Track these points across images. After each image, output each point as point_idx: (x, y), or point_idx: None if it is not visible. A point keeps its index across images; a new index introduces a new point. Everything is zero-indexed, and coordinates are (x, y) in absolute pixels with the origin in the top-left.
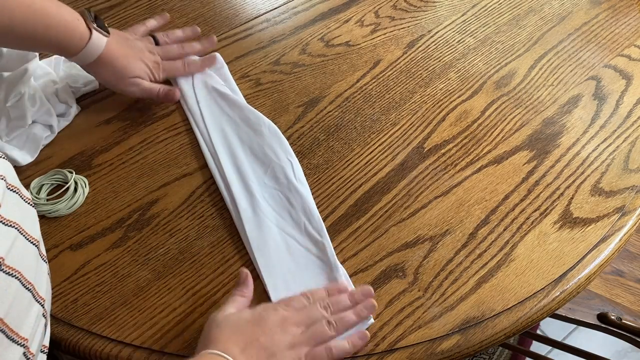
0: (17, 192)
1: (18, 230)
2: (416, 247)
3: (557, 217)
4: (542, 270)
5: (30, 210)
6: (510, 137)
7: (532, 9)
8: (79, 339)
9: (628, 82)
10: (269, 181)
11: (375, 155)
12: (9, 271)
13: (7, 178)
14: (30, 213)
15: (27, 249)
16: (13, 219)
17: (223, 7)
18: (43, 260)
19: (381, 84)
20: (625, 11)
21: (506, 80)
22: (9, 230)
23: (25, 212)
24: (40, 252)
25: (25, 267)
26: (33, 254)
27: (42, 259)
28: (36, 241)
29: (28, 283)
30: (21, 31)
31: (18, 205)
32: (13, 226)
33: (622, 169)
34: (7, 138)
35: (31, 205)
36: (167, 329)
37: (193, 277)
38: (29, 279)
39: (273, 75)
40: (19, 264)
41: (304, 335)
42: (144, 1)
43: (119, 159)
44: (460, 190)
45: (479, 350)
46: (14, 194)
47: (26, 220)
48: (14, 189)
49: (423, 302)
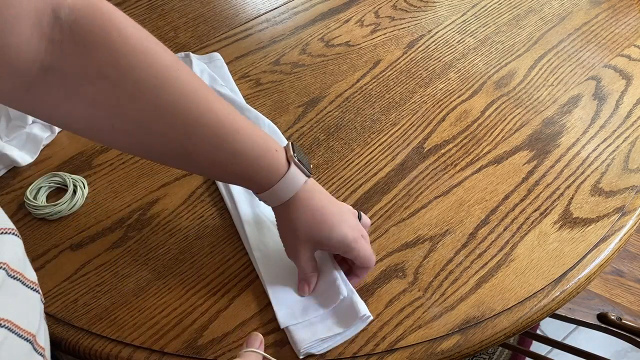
0: (20, 278)
1: (9, 330)
2: (416, 247)
3: (557, 217)
4: (542, 270)
5: (32, 295)
6: (510, 137)
7: (532, 9)
8: (79, 339)
9: (628, 82)
10: None
11: (375, 155)
12: None
13: (11, 263)
14: (31, 299)
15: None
16: (5, 315)
17: (223, 7)
18: (39, 354)
19: (381, 84)
20: (625, 11)
21: (506, 80)
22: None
23: (25, 301)
24: (36, 345)
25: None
26: (25, 351)
27: (38, 352)
28: (31, 335)
29: None
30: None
31: (15, 295)
32: (3, 325)
33: (622, 169)
34: (7, 138)
35: (35, 290)
36: (167, 329)
37: (193, 277)
38: None
39: (273, 75)
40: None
41: None
42: (144, 1)
43: (119, 159)
44: (460, 190)
45: (479, 350)
46: (14, 282)
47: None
48: (16, 276)
49: (423, 302)
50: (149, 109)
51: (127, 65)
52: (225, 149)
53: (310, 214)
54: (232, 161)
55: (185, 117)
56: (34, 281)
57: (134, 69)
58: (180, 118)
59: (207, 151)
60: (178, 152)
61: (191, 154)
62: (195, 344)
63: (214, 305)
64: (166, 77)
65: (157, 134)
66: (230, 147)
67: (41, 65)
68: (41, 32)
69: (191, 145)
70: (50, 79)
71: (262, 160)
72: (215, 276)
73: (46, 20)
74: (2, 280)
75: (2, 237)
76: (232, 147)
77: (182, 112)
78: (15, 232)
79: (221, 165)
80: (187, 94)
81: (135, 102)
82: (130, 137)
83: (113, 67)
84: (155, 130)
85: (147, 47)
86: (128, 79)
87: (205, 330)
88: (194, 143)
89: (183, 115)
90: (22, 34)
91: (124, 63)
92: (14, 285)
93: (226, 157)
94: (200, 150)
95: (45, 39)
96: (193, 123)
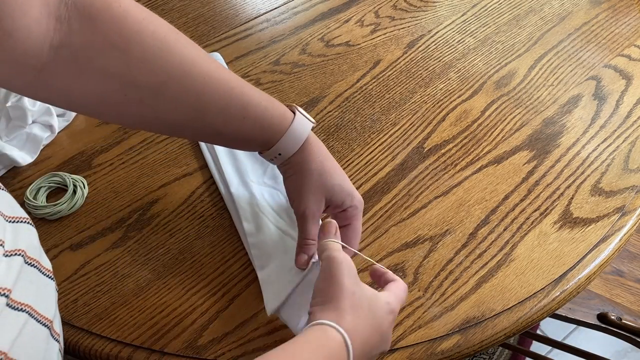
0: (37, 265)
1: (29, 314)
2: (416, 247)
3: (557, 217)
4: (542, 270)
5: (49, 283)
6: (510, 137)
7: (532, 9)
8: (79, 339)
9: (628, 82)
10: (268, 180)
11: (375, 155)
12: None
13: (28, 251)
14: (48, 287)
15: (36, 334)
16: (26, 300)
17: (223, 7)
18: (55, 339)
19: (381, 84)
20: (625, 11)
21: (506, 80)
22: (19, 315)
23: (42, 288)
24: (53, 331)
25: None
26: (43, 336)
27: (54, 338)
28: (49, 321)
29: None
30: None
31: (35, 282)
32: (24, 310)
33: (622, 169)
34: (7, 138)
35: (50, 277)
36: (167, 329)
37: (193, 277)
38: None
39: (273, 75)
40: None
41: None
42: (143, 1)
43: (119, 159)
44: (460, 190)
45: (479, 350)
46: (32, 269)
47: (41, 297)
48: (33, 263)
49: (423, 302)
50: (159, 71)
51: (132, 31)
52: (235, 104)
53: (321, 160)
54: (243, 114)
55: (195, 76)
56: (49, 269)
57: (139, 34)
58: (190, 77)
59: (219, 108)
60: (191, 115)
61: (204, 114)
62: (195, 344)
63: (214, 305)
64: (170, 40)
65: (169, 98)
66: (240, 100)
67: (51, 45)
68: (48, 10)
69: (203, 104)
70: (60, 58)
71: (271, 109)
72: (215, 276)
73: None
74: (20, 266)
75: (18, 225)
76: (241, 100)
77: (190, 71)
78: (29, 221)
79: (234, 121)
80: (192, 54)
81: (145, 67)
82: (143, 106)
83: (119, 34)
84: (167, 94)
85: (147, 15)
86: (135, 45)
87: (205, 330)
88: (206, 101)
89: (192, 75)
90: (32, 14)
91: (129, 29)
92: (31, 272)
93: (238, 111)
94: (213, 108)
95: (53, 18)
96: (202, 81)
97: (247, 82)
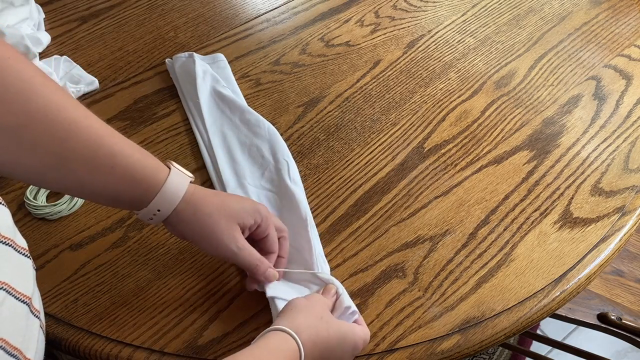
0: (11, 244)
1: (7, 292)
2: (416, 247)
3: (557, 217)
4: (542, 270)
5: (24, 261)
6: (510, 137)
7: (532, 9)
8: (79, 339)
9: (628, 82)
10: (265, 183)
11: (375, 155)
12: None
13: (2, 230)
14: (24, 265)
15: (15, 311)
16: (2, 279)
17: (223, 7)
18: (35, 316)
19: (381, 84)
20: (625, 11)
21: (506, 80)
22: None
23: (18, 266)
24: (32, 308)
25: (11, 332)
26: (23, 314)
27: (34, 314)
28: (27, 298)
29: (14, 349)
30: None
31: (9, 260)
32: (1, 287)
33: (622, 169)
34: None
35: (26, 255)
36: (167, 329)
37: (193, 277)
38: (15, 345)
39: (273, 75)
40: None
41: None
42: (143, 1)
43: None
44: (460, 190)
45: (479, 350)
46: (7, 248)
47: (18, 275)
48: (7, 242)
49: (423, 302)
50: (19, 113)
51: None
52: (104, 153)
53: (211, 200)
54: (112, 163)
55: (61, 121)
56: (25, 247)
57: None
58: (54, 122)
59: (85, 156)
60: (53, 162)
61: (68, 162)
62: (195, 344)
63: (214, 305)
64: (36, 82)
65: (30, 142)
66: (109, 150)
67: None
68: None
69: (67, 151)
70: None
71: (143, 161)
72: (215, 276)
73: None
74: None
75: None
76: (111, 150)
77: (56, 116)
78: (2, 202)
79: (101, 170)
80: (59, 100)
81: (4, 107)
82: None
83: None
84: (26, 137)
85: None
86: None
87: (205, 330)
88: (70, 148)
89: (57, 120)
90: None
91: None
92: (6, 251)
93: (106, 159)
94: (78, 156)
95: None
96: (67, 128)
97: (120, 134)
